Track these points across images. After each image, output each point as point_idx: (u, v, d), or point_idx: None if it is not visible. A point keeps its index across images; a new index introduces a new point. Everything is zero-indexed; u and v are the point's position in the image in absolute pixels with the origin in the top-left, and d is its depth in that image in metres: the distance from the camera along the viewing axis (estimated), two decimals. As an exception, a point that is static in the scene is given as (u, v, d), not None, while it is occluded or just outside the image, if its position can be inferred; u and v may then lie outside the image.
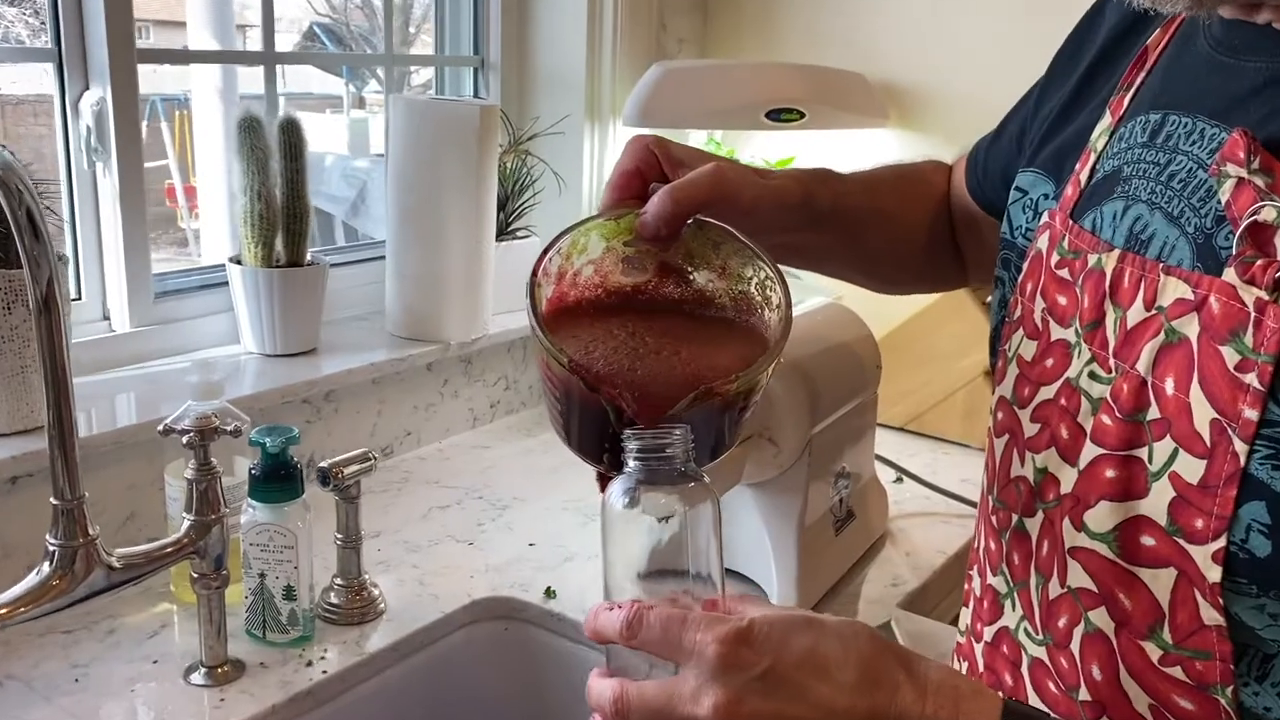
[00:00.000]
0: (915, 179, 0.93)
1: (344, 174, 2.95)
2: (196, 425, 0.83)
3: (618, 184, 0.71)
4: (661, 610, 0.53)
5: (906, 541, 1.22)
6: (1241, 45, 0.57)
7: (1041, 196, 0.71)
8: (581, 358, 0.60)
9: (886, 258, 0.91)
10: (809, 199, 0.78)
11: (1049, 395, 0.64)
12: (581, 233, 0.66)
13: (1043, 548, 0.63)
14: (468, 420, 1.46)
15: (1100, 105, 0.68)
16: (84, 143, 1.16)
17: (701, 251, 0.68)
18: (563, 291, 0.66)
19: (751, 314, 0.67)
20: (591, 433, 0.61)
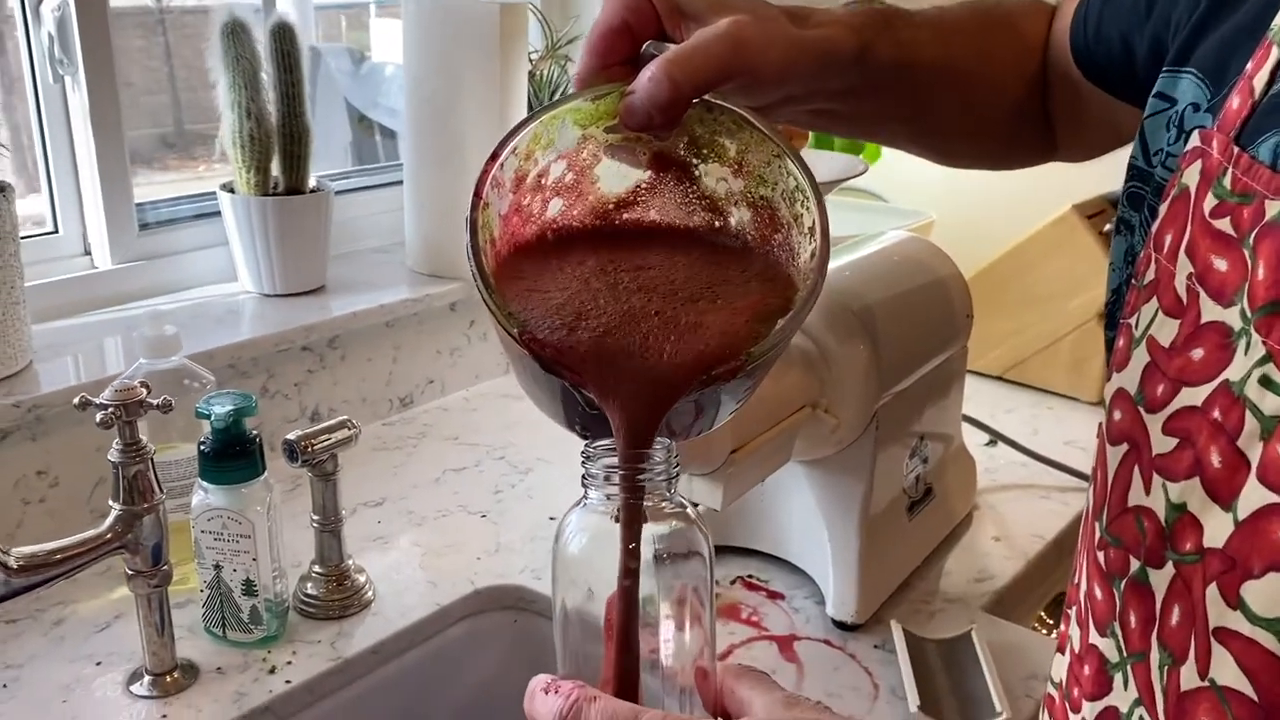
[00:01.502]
0: (1005, 25, 0.70)
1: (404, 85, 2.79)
2: (117, 398, 0.69)
3: (598, 46, 0.51)
4: (608, 705, 0.38)
5: (997, 522, 1.03)
6: None
7: (1190, 108, 0.51)
8: (540, 328, 0.41)
9: (956, 127, 0.70)
10: (865, 53, 0.57)
11: (1195, 401, 0.45)
12: (546, 122, 0.47)
13: (1171, 615, 0.45)
14: (500, 364, 1.31)
15: (1287, -23, 0.46)
16: (47, 55, 1.02)
17: (710, 140, 0.48)
18: (522, 208, 0.46)
19: (775, 231, 0.47)
20: (559, 403, 0.45)
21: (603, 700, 0.38)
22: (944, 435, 0.98)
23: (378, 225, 1.31)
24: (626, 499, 0.39)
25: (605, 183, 0.48)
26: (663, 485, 0.40)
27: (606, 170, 0.48)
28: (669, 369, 0.40)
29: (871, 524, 0.86)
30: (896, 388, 0.86)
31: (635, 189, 0.49)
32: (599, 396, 0.40)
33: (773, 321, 0.42)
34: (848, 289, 0.84)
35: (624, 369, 0.40)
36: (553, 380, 0.41)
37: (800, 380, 0.79)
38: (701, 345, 0.41)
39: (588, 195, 0.48)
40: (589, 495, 0.41)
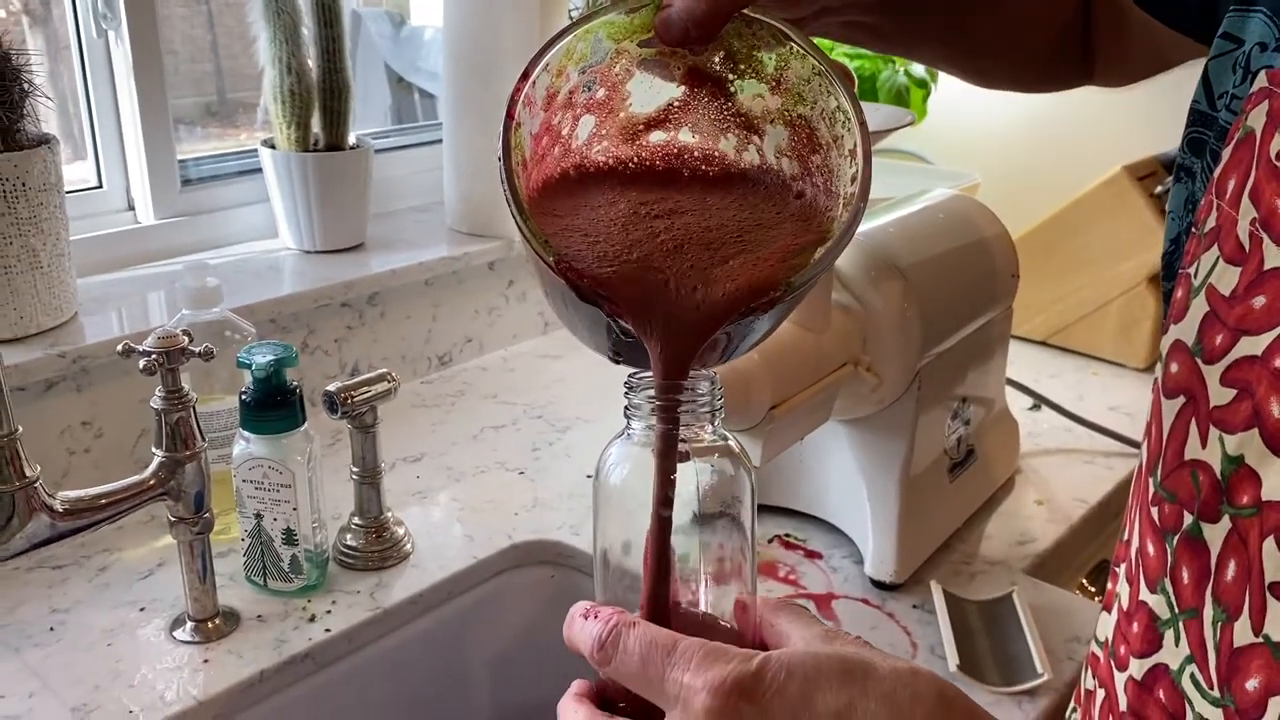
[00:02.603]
0: None
1: (443, 48, 2.78)
2: (159, 345, 0.70)
3: None
4: (645, 630, 0.38)
5: (1041, 486, 1.01)
6: None
7: (1258, 49, 0.49)
8: (578, 259, 0.41)
9: (995, 44, 0.68)
10: None
11: (1255, 350, 0.43)
12: (580, 36, 0.45)
13: (1227, 570, 0.44)
14: (537, 325, 1.31)
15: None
16: (92, 10, 1.02)
17: (747, 54, 0.46)
18: (552, 127, 0.45)
19: (814, 152, 0.46)
20: (592, 330, 0.44)
21: (641, 626, 0.38)
22: (987, 398, 0.96)
23: (417, 184, 1.30)
24: (664, 429, 0.39)
25: (637, 99, 0.47)
26: (705, 417, 0.40)
27: (639, 86, 0.47)
28: (709, 303, 0.39)
29: (911, 484, 0.85)
30: (939, 348, 0.85)
31: (668, 106, 0.47)
32: (636, 327, 0.39)
33: (811, 251, 0.41)
34: (891, 245, 0.82)
35: (663, 301, 0.39)
36: (588, 307, 0.40)
37: (842, 337, 0.78)
38: (742, 281, 0.40)
39: (619, 112, 0.47)
40: (632, 426, 0.41)
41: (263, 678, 0.73)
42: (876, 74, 1.22)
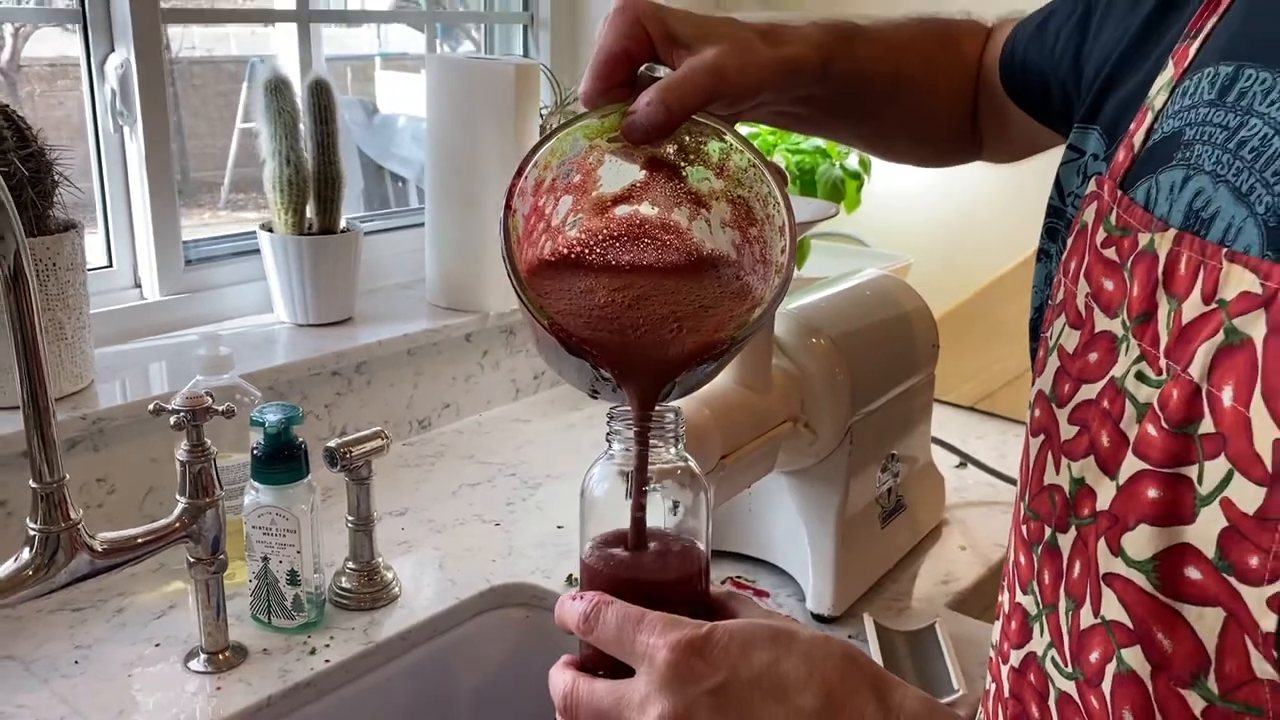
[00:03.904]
0: (947, 42, 0.82)
1: (415, 135, 2.92)
2: (188, 404, 0.80)
3: (602, 70, 0.59)
4: (620, 607, 0.49)
5: (965, 533, 1.13)
6: None
7: (1093, 158, 0.62)
8: (565, 319, 0.52)
9: (899, 129, 0.81)
10: (826, 68, 0.68)
11: (1091, 395, 0.55)
12: (562, 139, 0.57)
13: (1074, 569, 0.55)
14: (509, 392, 1.42)
15: (1164, 55, 0.58)
16: (109, 106, 1.13)
17: (696, 148, 0.59)
18: (538, 207, 0.56)
19: (751, 225, 0.57)
20: (579, 374, 0.55)
21: (617, 604, 0.48)
22: (913, 453, 1.08)
23: (400, 264, 1.42)
24: (639, 449, 0.50)
25: (607, 181, 0.59)
26: (670, 441, 0.51)
27: (608, 171, 0.58)
28: (670, 358, 0.51)
29: (846, 528, 0.96)
30: (868, 408, 0.96)
31: (631, 186, 0.59)
32: (614, 375, 0.50)
33: (750, 314, 0.53)
34: (825, 317, 0.95)
35: (635, 358, 0.50)
36: (575, 358, 0.51)
37: (782, 397, 0.90)
38: (692, 344, 0.52)
39: (591, 192, 0.58)
40: (612, 449, 0.52)
41: (270, 703, 0.82)
42: (815, 167, 1.36)
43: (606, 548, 0.52)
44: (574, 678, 0.50)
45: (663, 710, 0.46)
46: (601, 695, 0.48)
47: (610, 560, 0.51)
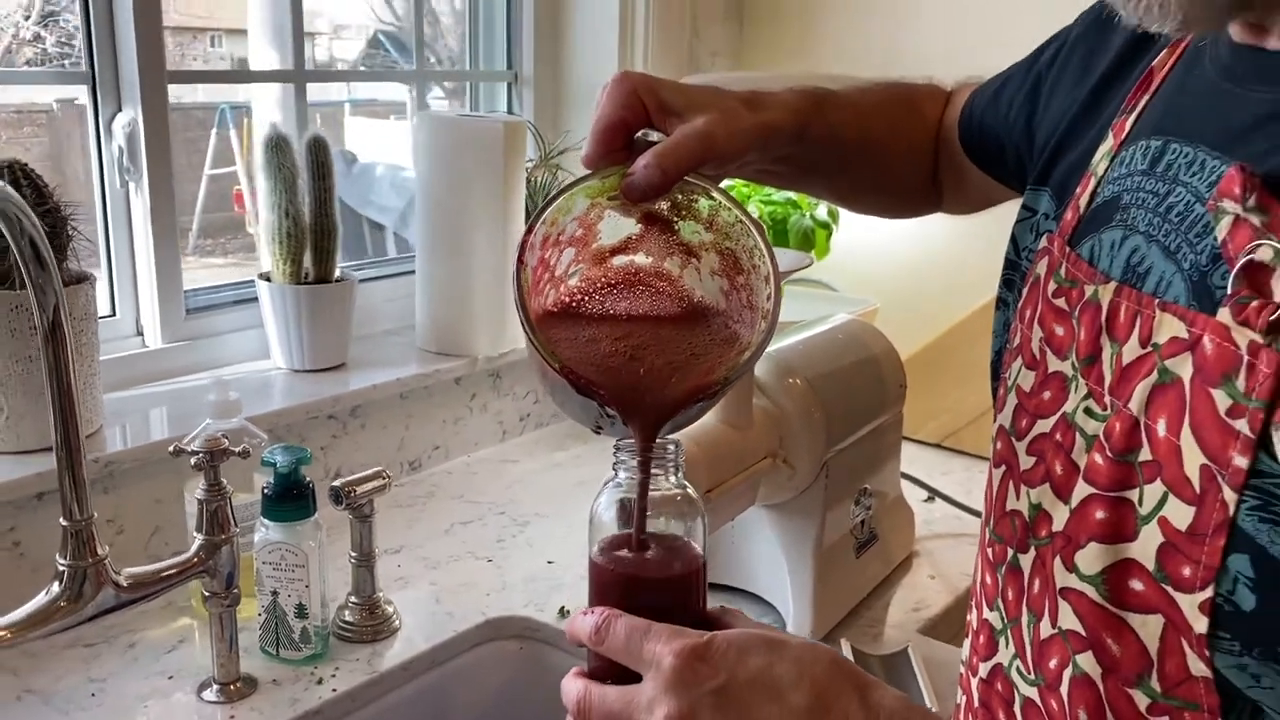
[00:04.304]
0: (910, 107, 0.89)
1: (393, 184, 2.98)
2: (206, 446, 0.85)
3: (602, 136, 0.66)
4: (628, 620, 0.55)
5: (934, 563, 1.19)
6: (1247, 73, 0.55)
7: (1044, 217, 0.69)
8: (574, 364, 0.57)
9: (866, 185, 0.89)
10: (802, 130, 0.75)
11: (1045, 429, 0.62)
12: (567, 198, 0.63)
13: (1034, 585, 0.61)
14: (496, 434, 1.47)
15: (1105, 127, 0.65)
16: (116, 163, 1.19)
17: (688, 204, 0.65)
18: (545, 259, 0.62)
19: (739, 274, 0.64)
20: (584, 411, 0.60)
21: (625, 617, 0.54)
22: (884, 488, 1.15)
23: (390, 310, 1.47)
24: (642, 477, 0.56)
25: (605, 234, 0.65)
26: (670, 470, 0.57)
27: (607, 225, 0.65)
28: (666, 399, 0.57)
29: (823, 559, 1.02)
30: (842, 444, 1.03)
31: (628, 238, 0.65)
32: (620, 412, 0.56)
33: (739, 358, 0.59)
34: (801, 361, 1.01)
35: (638, 399, 0.56)
36: (582, 397, 0.57)
37: (762, 435, 0.96)
38: (687, 386, 0.58)
39: (591, 244, 0.65)
40: (618, 476, 0.57)
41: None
42: (787, 218, 1.44)
43: (613, 550, 0.57)
44: (585, 685, 0.55)
45: (669, 710, 0.51)
46: (613, 700, 0.54)
47: (617, 561, 0.57)
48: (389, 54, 3.70)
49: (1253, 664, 0.49)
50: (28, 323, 0.99)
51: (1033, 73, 0.78)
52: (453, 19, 2.34)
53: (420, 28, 1.51)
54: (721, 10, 1.70)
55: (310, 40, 3.08)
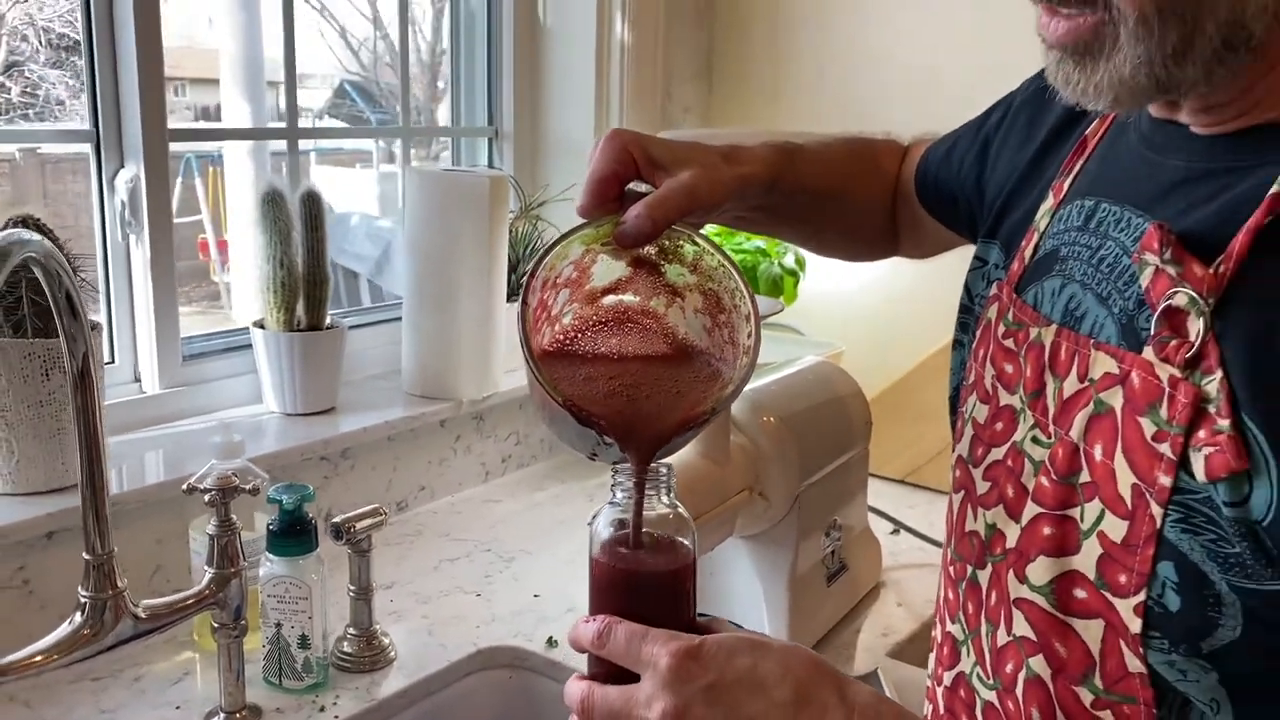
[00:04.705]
0: (870, 160, 0.98)
1: (368, 233, 3.04)
2: (218, 484, 0.90)
3: (595, 189, 0.72)
4: (628, 625, 0.60)
5: (901, 592, 1.26)
6: (1164, 143, 0.63)
7: (994, 266, 0.77)
8: (576, 399, 0.63)
9: (830, 231, 0.97)
10: (774, 182, 0.82)
11: (999, 456, 0.69)
12: (565, 245, 0.69)
13: (991, 598, 0.68)
14: (479, 475, 1.52)
15: (1046, 186, 0.73)
16: (119, 217, 1.24)
17: (674, 249, 0.71)
18: (544, 301, 0.68)
19: (720, 312, 0.70)
20: (582, 440, 0.66)
21: (624, 623, 0.59)
22: (853, 520, 1.21)
23: (376, 356, 1.53)
24: (637, 497, 0.62)
25: (597, 276, 0.71)
26: (663, 491, 0.62)
27: (599, 268, 0.71)
28: (660, 429, 0.63)
29: (796, 587, 1.08)
30: (813, 478, 1.09)
31: (618, 279, 0.71)
32: (617, 441, 0.62)
33: (723, 391, 0.65)
34: (774, 401, 1.08)
35: (634, 430, 0.63)
36: (582, 427, 0.63)
37: (739, 469, 1.03)
38: (677, 417, 0.64)
39: (585, 285, 0.71)
40: (615, 496, 0.63)
41: (287, 755, 0.91)
42: (756, 265, 1.51)
43: (613, 548, 0.63)
44: (589, 685, 0.61)
45: (665, 706, 0.57)
46: (614, 698, 0.59)
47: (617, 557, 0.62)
48: (355, 103, 3.77)
49: (1180, 660, 0.55)
50: (39, 369, 1.03)
51: (981, 134, 0.87)
52: (419, 68, 2.42)
53: (406, 87, 1.58)
54: (691, 70, 1.79)
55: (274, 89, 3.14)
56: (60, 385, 1.05)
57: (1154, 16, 0.52)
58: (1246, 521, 0.52)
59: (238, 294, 3.13)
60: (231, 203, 3.12)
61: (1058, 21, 0.57)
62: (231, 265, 3.32)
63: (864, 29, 1.66)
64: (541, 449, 1.62)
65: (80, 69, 1.23)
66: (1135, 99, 0.57)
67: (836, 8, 1.68)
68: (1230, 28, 0.52)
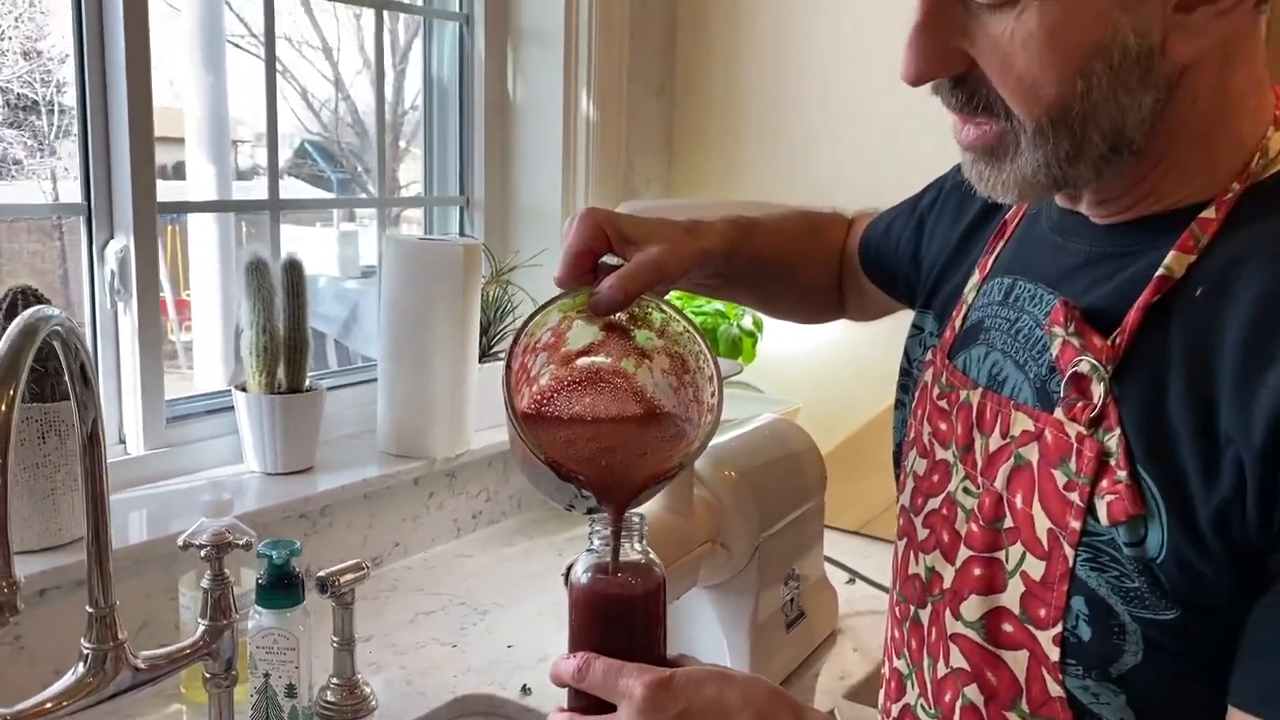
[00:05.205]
0: (819, 232, 1.07)
1: (336, 294, 3.10)
2: (213, 540, 0.95)
3: (571, 262, 0.80)
4: (605, 660, 0.67)
5: (856, 638, 1.32)
6: (1070, 230, 0.71)
7: (929, 334, 0.85)
8: (560, 458, 0.70)
9: (783, 297, 1.06)
10: (731, 255, 0.91)
11: (935, 506, 0.77)
12: (545, 313, 0.77)
13: (932, 634, 0.75)
14: (451, 530, 1.58)
15: (973, 264, 0.82)
16: (108, 286, 1.30)
17: (643, 316, 0.79)
18: (525, 365, 0.75)
19: (686, 373, 0.77)
20: (560, 493, 0.73)
21: (602, 659, 0.66)
22: (810, 570, 1.28)
23: (347, 416, 1.58)
24: (614, 544, 0.68)
25: (573, 340, 0.79)
26: (636, 538, 0.69)
27: (574, 333, 0.79)
28: (634, 483, 0.70)
29: (757, 634, 1.15)
30: (771, 530, 1.17)
31: (591, 343, 0.79)
32: (595, 495, 0.69)
33: (689, 448, 0.73)
34: (735, 456, 1.15)
35: (610, 484, 0.70)
36: (561, 481, 0.70)
37: (702, 522, 1.09)
38: (647, 473, 0.71)
39: (561, 349, 0.78)
40: (593, 543, 0.69)
41: (275, 799, 0.95)
42: (716, 327, 1.60)
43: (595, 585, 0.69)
44: (569, 717, 0.67)
45: None
46: None
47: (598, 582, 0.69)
48: (316, 163, 3.84)
49: (1093, 684, 0.63)
50: (36, 433, 1.08)
51: (916, 213, 0.96)
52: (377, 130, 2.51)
53: (383, 164, 1.66)
54: (653, 143, 1.88)
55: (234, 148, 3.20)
56: (56, 448, 1.10)
57: (1048, 127, 0.61)
58: (1143, 560, 0.60)
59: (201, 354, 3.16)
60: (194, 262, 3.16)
61: (969, 128, 0.65)
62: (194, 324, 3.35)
63: (819, 104, 1.77)
64: (511, 505, 1.68)
65: (40, 130, 1.29)
66: (1037, 194, 0.66)
67: (790, 85, 1.79)
68: (1113, 136, 0.61)
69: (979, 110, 0.64)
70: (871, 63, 1.68)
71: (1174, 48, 0.59)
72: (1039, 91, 0.60)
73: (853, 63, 1.72)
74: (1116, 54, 0.59)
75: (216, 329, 3.05)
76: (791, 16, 1.77)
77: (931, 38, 0.63)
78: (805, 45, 1.77)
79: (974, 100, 0.64)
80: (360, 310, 2.96)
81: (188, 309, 3.50)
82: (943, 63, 0.64)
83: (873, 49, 1.68)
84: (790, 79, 1.79)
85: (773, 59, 1.80)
